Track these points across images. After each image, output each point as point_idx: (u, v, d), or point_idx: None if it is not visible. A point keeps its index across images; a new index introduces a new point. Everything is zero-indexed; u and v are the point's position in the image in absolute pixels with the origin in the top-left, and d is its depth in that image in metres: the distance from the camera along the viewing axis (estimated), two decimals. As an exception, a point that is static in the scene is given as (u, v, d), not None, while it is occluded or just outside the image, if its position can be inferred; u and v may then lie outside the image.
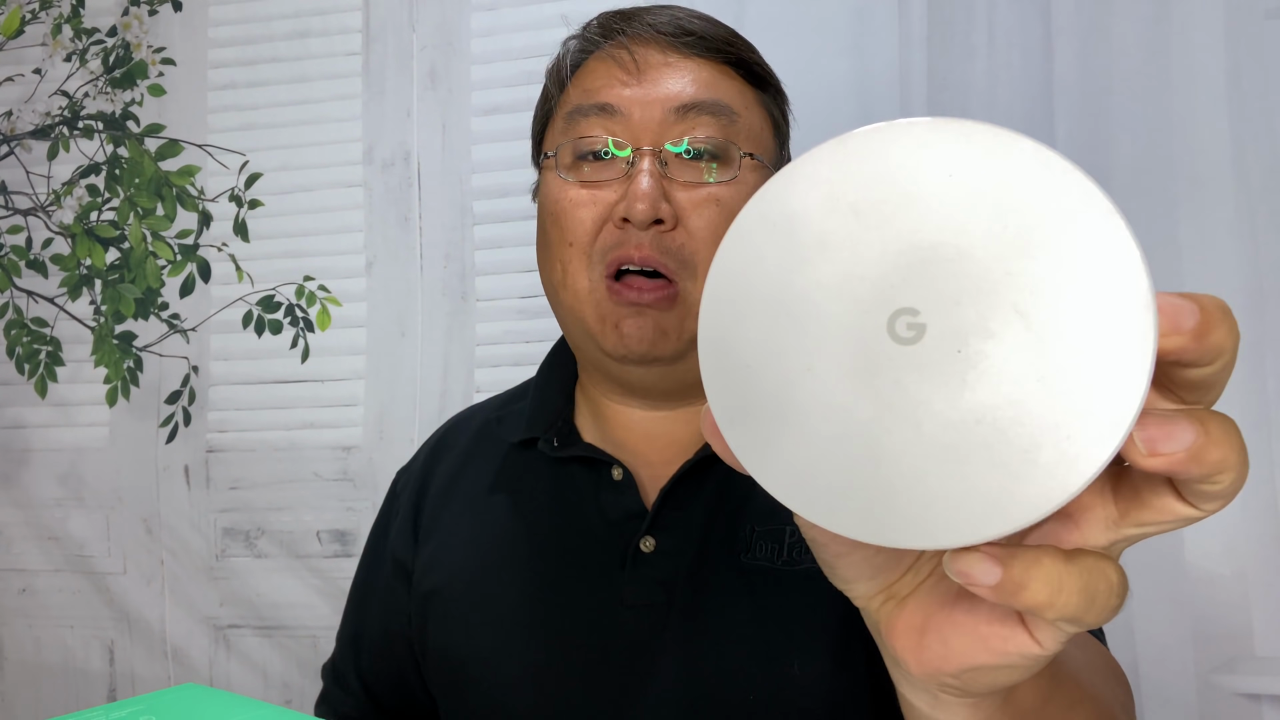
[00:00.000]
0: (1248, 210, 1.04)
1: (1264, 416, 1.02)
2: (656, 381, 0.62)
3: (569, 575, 0.62)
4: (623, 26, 0.61)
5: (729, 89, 0.60)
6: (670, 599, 0.59)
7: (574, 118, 0.60)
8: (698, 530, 0.61)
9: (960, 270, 0.23)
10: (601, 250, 0.58)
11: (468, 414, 0.76)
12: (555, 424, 0.67)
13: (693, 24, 0.61)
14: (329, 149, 1.30)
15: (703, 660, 0.58)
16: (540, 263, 0.64)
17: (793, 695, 0.56)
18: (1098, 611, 0.25)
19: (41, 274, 1.37)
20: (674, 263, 0.57)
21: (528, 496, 0.66)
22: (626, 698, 0.59)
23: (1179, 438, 0.23)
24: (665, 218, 0.57)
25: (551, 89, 0.65)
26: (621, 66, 0.60)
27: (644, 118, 0.58)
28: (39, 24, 1.37)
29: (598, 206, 0.59)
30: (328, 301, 1.29)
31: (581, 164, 0.60)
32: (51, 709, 1.35)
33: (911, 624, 0.30)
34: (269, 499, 1.30)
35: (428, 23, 1.28)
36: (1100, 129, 1.08)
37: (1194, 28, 1.06)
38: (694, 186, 0.58)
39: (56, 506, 1.35)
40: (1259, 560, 1.01)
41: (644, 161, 0.57)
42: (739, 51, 0.61)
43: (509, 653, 0.62)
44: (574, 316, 0.61)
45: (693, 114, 0.58)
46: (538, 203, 0.65)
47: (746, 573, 0.59)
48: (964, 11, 1.12)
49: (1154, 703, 1.03)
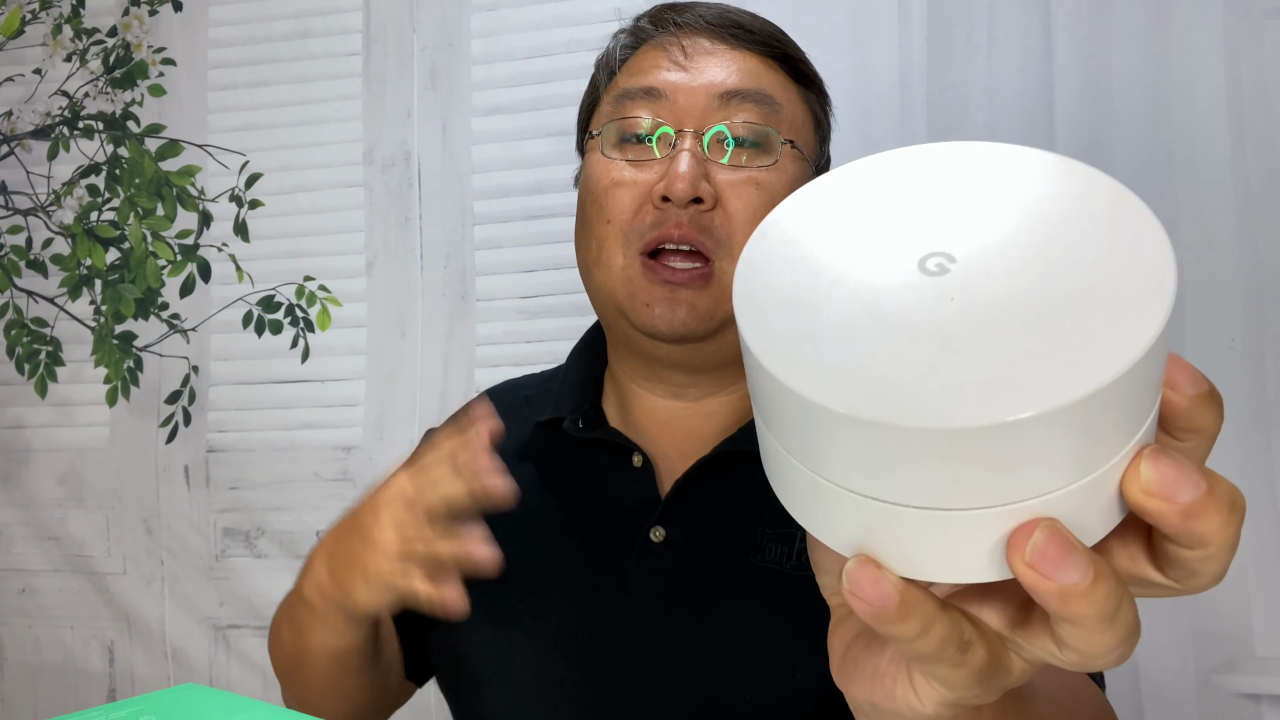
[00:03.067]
0: (1248, 210, 1.04)
1: (1264, 416, 1.02)
2: (686, 359, 0.62)
3: (580, 556, 0.63)
4: (673, 17, 0.63)
5: (773, 80, 0.61)
6: (674, 590, 0.60)
7: (621, 101, 0.62)
8: (709, 526, 0.61)
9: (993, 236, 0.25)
10: (640, 230, 0.59)
11: (504, 388, 0.77)
12: (581, 406, 0.67)
13: (741, 17, 0.63)
14: (329, 149, 1.30)
15: (703, 655, 0.58)
16: (577, 241, 0.65)
17: (793, 699, 0.56)
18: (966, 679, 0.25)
19: (41, 274, 1.37)
20: (711, 241, 0.58)
21: (549, 476, 0.67)
22: (624, 683, 0.59)
23: (1189, 486, 0.22)
24: (705, 197, 0.57)
25: (600, 77, 0.66)
26: (668, 54, 0.61)
27: (688, 102, 0.59)
28: (39, 24, 1.37)
29: (638, 187, 0.59)
30: (328, 301, 1.29)
31: (625, 145, 0.61)
32: (51, 709, 1.35)
33: (844, 638, 0.30)
34: (269, 499, 1.30)
35: (428, 23, 1.28)
36: (1100, 129, 1.08)
37: (1194, 28, 1.06)
38: (735, 169, 0.59)
39: (56, 506, 1.35)
40: (1259, 560, 1.01)
41: (685, 142, 0.58)
42: (785, 47, 0.63)
43: (512, 627, 0.62)
44: (605, 292, 0.61)
45: (736, 100, 0.59)
46: (580, 187, 0.65)
47: (754, 574, 0.59)
48: (964, 11, 1.12)
49: (1154, 703, 1.03)
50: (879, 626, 0.24)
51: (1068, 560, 0.22)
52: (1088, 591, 0.22)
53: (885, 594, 0.24)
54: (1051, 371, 0.21)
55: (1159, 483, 0.22)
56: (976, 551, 0.23)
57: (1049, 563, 0.22)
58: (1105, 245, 0.24)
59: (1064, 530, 0.22)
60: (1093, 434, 0.22)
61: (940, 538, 0.23)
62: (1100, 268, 0.23)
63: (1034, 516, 0.22)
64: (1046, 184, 0.26)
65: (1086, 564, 0.22)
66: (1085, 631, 0.23)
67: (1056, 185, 0.25)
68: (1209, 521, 0.22)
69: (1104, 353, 0.21)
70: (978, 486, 0.22)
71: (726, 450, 0.62)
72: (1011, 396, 0.21)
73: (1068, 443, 0.22)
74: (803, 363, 0.24)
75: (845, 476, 0.24)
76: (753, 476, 0.61)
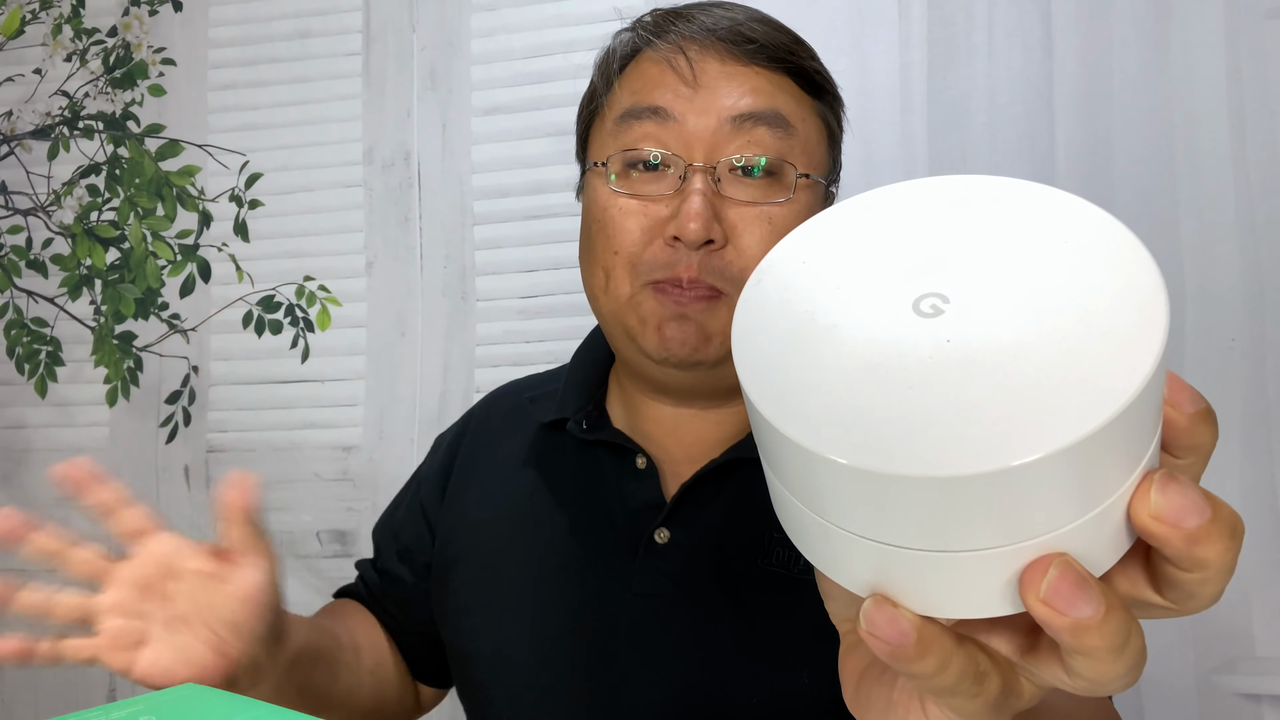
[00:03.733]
0: (1248, 210, 1.04)
1: (1264, 416, 1.02)
2: (694, 385, 0.61)
3: (583, 557, 0.63)
4: (679, 27, 0.59)
5: (787, 100, 0.58)
6: (678, 592, 0.59)
7: (625, 121, 0.58)
8: (715, 529, 0.61)
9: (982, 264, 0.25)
10: (649, 266, 0.57)
11: (506, 389, 0.77)
12: (586, 407, 0.67)
13: (754, 29, 0.59)
14: (329, 149, 1.30)
15: (707, 657, 0.58)
16: (583, 265, 0.63)
17: (798, 705, 0.56)
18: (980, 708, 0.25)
19: (41, 274, 1.37)
20: (722, 280, 0.56)
21: (552, 476, 0.66)
22: (625, 684, 0.59)
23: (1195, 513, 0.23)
24: (716, 238, 0.56)
25: (599, 84, 0.63)
26: (676, 72, 0.58)
27: (698, 126, 0.56)
28: (39, 24, 1.37)
29: (647, 219, 0.57)
30: (328, 301, 1.29)
31: (631, 171, 0.58)
32: (51, 709, 1.35)
33: (856, 666, 0.30)
34: (269, 499, 1.30)
35: (428, 23, 1.28)
36: (1100, 129, 1.08)
37: (1194, 28, 1.06)
38: (746, 205, 0.57)
39: (56, 506, 1.35)
40: (1259, 560, 1.01)
41: (696, 179, 0.56)
42: (800, 60, 0.60)
43: (516, 627, 0.62)
44: (614, 320, 0.60)
45: (749, 124, 0.56)
46: (583, 205, 0.64)
47: (762, 578, 0.59)
48: (964, 11, 1.12)
49: (1154, 703, 1.03)
50: (897, 665, 0.25)
51: (1081, 596, 0.22)
52: (1100, 625, 0.22)
53: (903, 632, 0.24)
54: (1051, 413, 0.21)
55: (1167, 509, 0.23)
56: (989, 588, 0.23)
57: (1063, 599, 0.22)
58: (1098, 280, 0.24)
59: (1076, 566, 0.23)
60: (1097, 469, 0.22)
61: (951, 577, 0.23)
62: (1094, 303, 0.23)
63: (1045, 552, 0.23)
64: (1038, 219, 0.26)
65: (1099, 598, 0.22)
66: (1096, 662, 0.23)
67: (1048, 219, 0.26)
68: (1211, 547, 0.23)
69: (1102, 390, 0.21)
70: (985, 529, 0.22)
71: (735, 457, 0.61)
72: (1013, 440, 0.21)
73: (1073, 481, 0.22)
74: (802, 412, 0.24)
75: (851, 523, 0.24)
76: (760, 482, 0.61)
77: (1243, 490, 1.01)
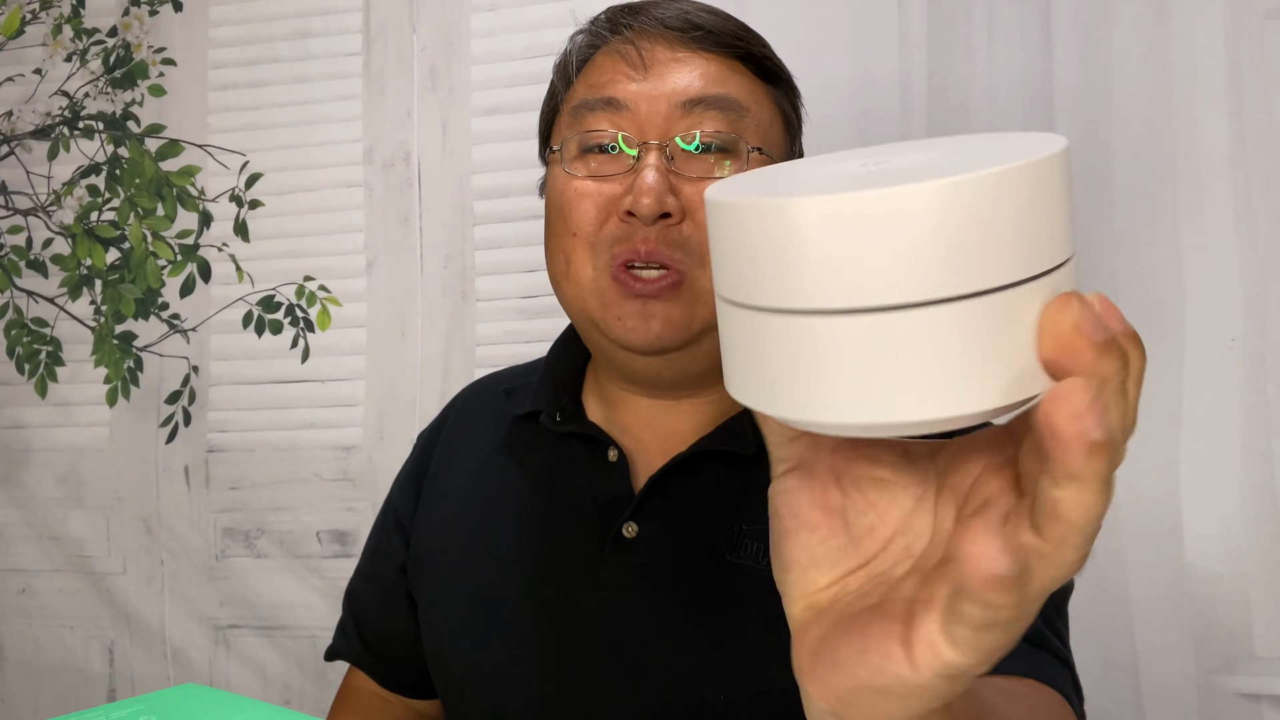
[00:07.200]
0: (1248, 210, 1.04)
1: (1264, 416, 1.02)
2: (662, 370, 0.61)
3: (554, 552, 0.63)
4: (630, 21, 0.61)
5: (738, 84, 0.59)
6: (645, 587, 0.59)
7: (580, 112, 0.60)
8: (683, 523, 0.61)
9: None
10: (606, 242, 0.58)
11: (482, 382, 0.77)
12: (560, 399, 0.67)
13: (701, 18, 0.60)
14: (329, 149, 1.30)
15: (675, 651, 0.58)
16: (547, 255, 0.64)
17: (768, 701, 0.55)
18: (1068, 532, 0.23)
19: (41, 274, 1.37)
20: (680, 254, 0.57)
21: (526, 469, 0.67)
22: (593, 679, 0.59)
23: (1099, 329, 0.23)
24: (672, 211, 0.56)
25: (558, 84, 0.64)
26: (628, 61, 0.59)
27: (650, 112, 0.58)
28: (39, 24, 1.37)
29: (602, 198, 0.58)
30: (328, 301, 1.29)
31: (588, 157, 0.59)
32: (51, 709, 1.35)
33: (815, 634, 0.30)
34: (269, 499, 1.30)
35: (428, 23, 1.28)
36: (1100, 129, 1.08)
37: (1194, 28, 1.06)
38: (701, 180, 0.57)
39: (56, 506, 1.35)
40: (1259, 560, 1.01)
41: (650, 156, 0.57)
42: (748, 46, 0.61)
43: (486, 623, 0.63)
44: (578, 306, 0.61)
45: (700, 109, 0.57)
46: (544, 197, 0.65)
47: (729, 571, 0.59)
48: (964, 11, 1.12)
49: (1154, 703, 1.03)
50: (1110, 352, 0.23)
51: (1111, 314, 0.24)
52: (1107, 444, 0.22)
53: (1116, 312, 0.24)
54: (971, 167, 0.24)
55: (1079, 321, 0.23)
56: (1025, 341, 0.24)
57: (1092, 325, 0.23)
58: (1014, 141, 0.28)
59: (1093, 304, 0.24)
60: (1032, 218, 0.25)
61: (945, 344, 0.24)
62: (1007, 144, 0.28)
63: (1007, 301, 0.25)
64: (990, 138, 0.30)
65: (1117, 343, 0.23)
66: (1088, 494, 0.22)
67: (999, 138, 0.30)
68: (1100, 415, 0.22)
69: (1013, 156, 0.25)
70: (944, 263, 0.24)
71: (704, 449, 0.61)
72: (955, 173, 0.24)
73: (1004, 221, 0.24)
74: (770, 195, 0.26)
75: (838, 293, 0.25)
76: (730, 474, 0.61)
77: (1243, 490, 1.01)
